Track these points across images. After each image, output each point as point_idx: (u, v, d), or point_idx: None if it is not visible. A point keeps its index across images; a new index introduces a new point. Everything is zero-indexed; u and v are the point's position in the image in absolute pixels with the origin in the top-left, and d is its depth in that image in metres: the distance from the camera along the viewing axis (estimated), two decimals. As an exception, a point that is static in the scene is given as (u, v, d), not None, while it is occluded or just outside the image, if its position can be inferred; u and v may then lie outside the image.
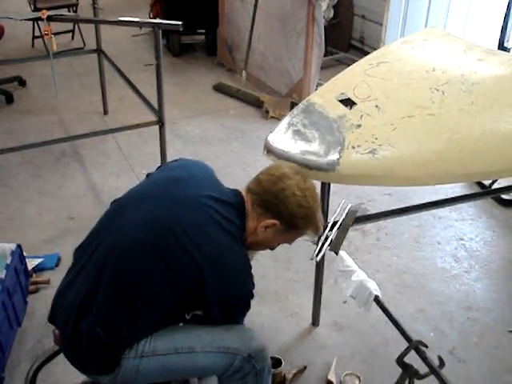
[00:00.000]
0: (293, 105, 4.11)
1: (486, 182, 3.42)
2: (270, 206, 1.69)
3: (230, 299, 1.65)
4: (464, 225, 3.30)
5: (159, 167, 1.97)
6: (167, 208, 1.66)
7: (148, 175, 1.90)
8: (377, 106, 1.87)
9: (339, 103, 1.92)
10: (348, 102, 1.93)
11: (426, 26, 4.21)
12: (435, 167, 1.79)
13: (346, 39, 5.72)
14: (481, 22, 4.45)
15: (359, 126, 1.83)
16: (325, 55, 4.55)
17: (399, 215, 2.46)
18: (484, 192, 2.90)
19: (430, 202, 2.52)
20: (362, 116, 1.85)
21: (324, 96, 1.97)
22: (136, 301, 1.61)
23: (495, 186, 3.30)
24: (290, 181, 1.68)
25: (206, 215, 1.64)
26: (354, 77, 2.03)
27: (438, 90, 1.89)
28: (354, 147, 1.80)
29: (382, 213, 2.44)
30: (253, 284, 1.71)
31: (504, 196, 3.36)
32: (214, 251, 1.61)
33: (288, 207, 1.67)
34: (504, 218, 3.35)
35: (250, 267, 1.71)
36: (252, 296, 1.71)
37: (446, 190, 3.43)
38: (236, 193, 1.75)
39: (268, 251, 1.95)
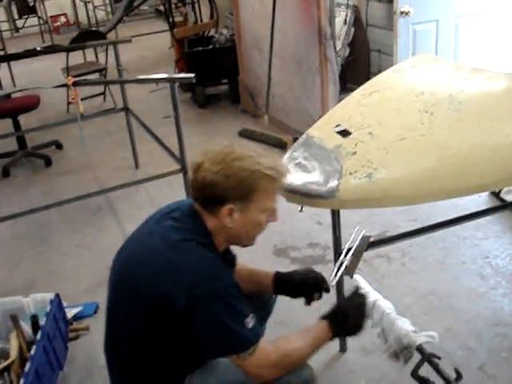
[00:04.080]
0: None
1: (508, 198, 3.45)
2: (211, 199, 1.65)
3: (201, 300, 1.56)
4: (489, 243, 3.32)
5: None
6: (128, 256, 1.77)
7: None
8: (370, 133, 1.98)
9: (335, 134, 2.05)
10: (344, 132, 2.05)
11: (436, 53, 4.32)
12: (429, 184, 1.88)
13: (365, 74, 5.85)
14: (491, 43, 4.54)
15: (355, 153, 1.95)
16: (346, 91, 4.70)
17: (412, 237, 2.53)
18: (502, 205, 2.94)
19: (444, 221, 2.58)
20: (356, 144, 1.97)
21: (321, 128, 2.10)
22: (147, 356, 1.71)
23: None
24: (205, 164, 1.65)
25: (158, 236, 1.68)
26: (349, 108, 2.16)
27: (426, 112, 1.99)
28: (351, 173, 1.91)
29: (395, 236, 2.53)
30: (221, 278, 1.61)
31: (527, 210, 3.39)
32: (165, 261, 1.62)
33: (221, 187, 1.62)
34: (529, 233, 3.36)
35: (211, 262, 1.63)
36: (225, 287, 1.60)
37: (470, 210, 3.47)
38: (191, 207, 1.74)
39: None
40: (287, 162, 2.06)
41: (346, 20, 5.26)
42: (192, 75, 3.07)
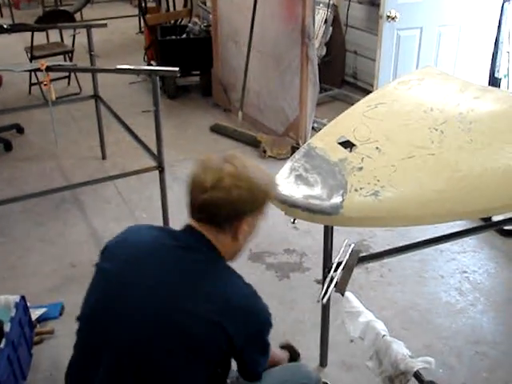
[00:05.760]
0: (294, 149, 4.14)
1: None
2: (230, 216, 1.56)
3: (257, 333, 1.59)
4: (466, 257, 3.30)
5: (103, 252, 1.74)
6: (152, 286, 1.54)
7: (96, 265, 1.69)
8: (377, 148, 1.89)
9: (340, 146, 1.94)
10: (348, 145, 1.95)
11: (417, 60, 4.28)
12: (438, 206, 1.80)
13: (340, 75, 5.80)
14: (471, 54, 4.53)
15: (360, 168, 1.85)
16: (319, 92, 4.61)
17: (403, 253, 2.46)
18: (486, 225, 2.90)
19: (433, 238, 2.51)
20: (362, 158, 1.87)
21: (324, 139, 1.99)
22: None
23: (497, 218, 3.31)
24: (226, 180, 1.52)
25: (191, 273, 1.54)
26: (353, 119, 2.06)
27: (436, 130, 1.91)
28: (356, 190, 1.81)
29: (385, 251, 2.45)
30: (262, 302, 1.61)
31: (505, 226, 3.37)
32: (222, 300, 1.51)
33: (245, 201, 1.54)
34: (506, 248, 3.35)
35: (251, 288, 1.61)
36: (269, 313, 1.61)
37: (446, 223, 3.44)
38: (191, 231, 1.60)
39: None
40: (287, 172, 1.94)
41: (325, 19, 5.17)
42: (176, 69, 2.90)
